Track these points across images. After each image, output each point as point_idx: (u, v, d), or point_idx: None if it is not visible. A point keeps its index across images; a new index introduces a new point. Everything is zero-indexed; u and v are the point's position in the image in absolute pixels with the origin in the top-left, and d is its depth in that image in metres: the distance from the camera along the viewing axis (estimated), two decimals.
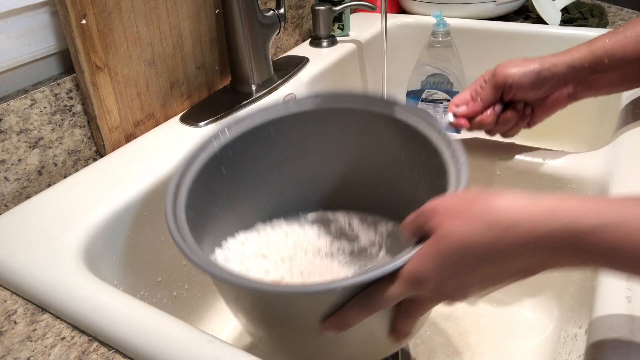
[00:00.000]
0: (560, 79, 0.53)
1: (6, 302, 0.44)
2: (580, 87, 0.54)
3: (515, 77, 0.53)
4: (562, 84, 0.54)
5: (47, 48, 0.57)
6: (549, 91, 0.54)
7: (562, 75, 0.53)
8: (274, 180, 0.56)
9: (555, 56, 0.54)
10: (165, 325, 0.39)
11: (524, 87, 0.53)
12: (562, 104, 0.55)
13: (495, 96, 0.54)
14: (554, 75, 0.53)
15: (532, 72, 0.53)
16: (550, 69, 0.53)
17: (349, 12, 0.94)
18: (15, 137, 0.53)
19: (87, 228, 0.49)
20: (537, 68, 0.53)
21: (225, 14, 0.69)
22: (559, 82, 0.53)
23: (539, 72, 0.53)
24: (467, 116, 0.56)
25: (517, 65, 0.53)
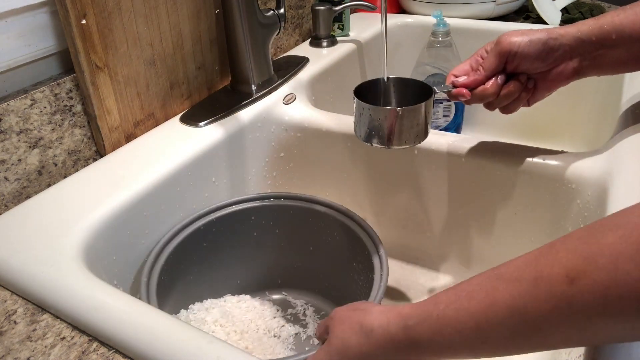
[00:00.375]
0: (566, 50, 0.51)
1: (6, 302, 0.44)
2: (585, 62, 0.52)
3: (520, 45, 0.51)
4: (568, 57, 0.52)
5: (47, 48, 0.57)
6: (554, 63, 0.52)
7: (568, 47, 0.51)
8: (247, 260, 0.65)
9: (562, 28, 0.52)
10: (165, 325, 0.39)
11: (530, 57, 0.51)
12: (565, 79, 0.53)
13: (499, 65, 0.52)
14: (561, 46, 0.51)
15: (539, 41, 0.51)
16: (557, 39, 0.51)
17: (349, 12, 0.94)
18: (15, 137, 0.53)
19: (87, 228, 0.49)
20: (544, 37, 0.51)
21: (225, 14, 0.69)
22: (564, 54, 0.52)
23: (546, 42, 0.51)
24: (467, 86, 0.53)
25: (523, 33, 0.51)
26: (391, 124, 0.51)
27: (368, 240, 0.56)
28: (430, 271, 0.73)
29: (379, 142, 0.53)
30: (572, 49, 0.51)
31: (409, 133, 0.52)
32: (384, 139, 0.52)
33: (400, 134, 0.52)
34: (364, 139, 0.54)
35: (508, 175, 0.60)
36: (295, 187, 0.76)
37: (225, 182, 0.66)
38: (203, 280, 0.62)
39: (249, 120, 0.69)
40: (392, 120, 0.51)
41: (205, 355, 0.36)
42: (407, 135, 0.52)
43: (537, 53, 0.51)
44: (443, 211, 0.68)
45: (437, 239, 0.71)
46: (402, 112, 0.51)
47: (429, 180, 0.66)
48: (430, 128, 0.55)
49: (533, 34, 0.51)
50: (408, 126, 0.52)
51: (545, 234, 0.62)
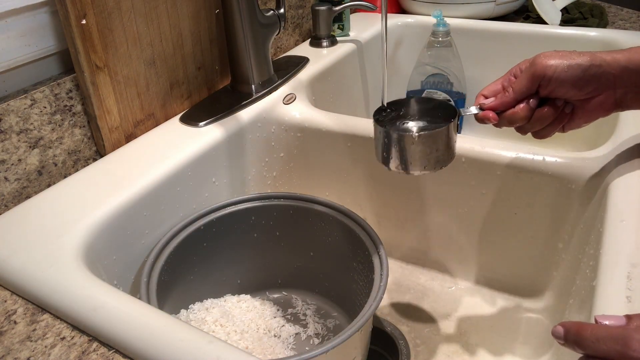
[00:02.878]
0: (610, 80, 0.46)
1: (6, 302, 0.44)
2: (631, 94, 0.47)
3: (557, 70, 0.46)
4: (612, 87, 0.46)
5: (47, 48, 0.57)
6: (594, 92, 0.47)
7: (612, 77, 0.46)
8: (248, 260, 0.66)
9: (609, 53, 0.46)
10: (165, 325, 0.39)
11: (566, 83, 0.46)
12: (605, 110, 0.48)
13: (531, 88, 0.47)
14: (604, 74, 0.45)
15: (579, 67, 0.45)
16: (601, 66, 0.45)
17: (349, 12, 0.94)
18: (15, 137, 0.53)
19: (87, 228, 0.49)
20: (586, 63, 0.45)
21: (225, 14, 0.69)
22: (607, 84, 0.46)
23: (587, 68, 0.45)
24: (496, 109, 0.49)
25: (562, 56, 0.46)
26: (408, 150, 0.48)
27: (368, 240, 0.56)
28: (430, 271, 0.73)
29: (396, 166, 0.50)
30: (618, 79, 0.46)
31: (428, 159, 0.48)
32: (401, 164, 0.49)
33: (418, 159, 0.48)
34: (382, 161, 0.51)
35: (508, 175, 0.60)
36: (295, 187, 0.76)
37: (225, 182, 0.66)
38: (203, 280, 0.62)
39: (249, 120, 0.69)
40: (408, 145, 0.48)
41: (205, 355, 0.36)
42: (426, 161, 0.48)
43: (574, 80, 0.46)
44: (443, 211, 0.68)
45: (437, 239, 0.71)
46: (418, 138, 0.47)
47: (429, 180, 0.66)
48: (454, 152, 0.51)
49: (573, 57, 0.46)
50: (426, 152, 0.48)
51: (545, 234, 0.62)
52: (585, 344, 0.30)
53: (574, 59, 0.46)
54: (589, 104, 0.48)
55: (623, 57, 0.46)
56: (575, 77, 0.46)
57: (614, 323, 0.30)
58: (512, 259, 0.66)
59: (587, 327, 0.30)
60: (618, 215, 0.46)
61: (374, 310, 0.47)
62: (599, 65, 0.45)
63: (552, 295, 0.63)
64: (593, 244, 0.49)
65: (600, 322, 0.30)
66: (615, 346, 0.28)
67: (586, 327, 0.30)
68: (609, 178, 0.52)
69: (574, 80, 0.46)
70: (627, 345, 0.27)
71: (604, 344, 0.29)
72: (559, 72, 0.46)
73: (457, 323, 0.65)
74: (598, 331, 0.29)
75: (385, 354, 0.65)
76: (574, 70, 0.45)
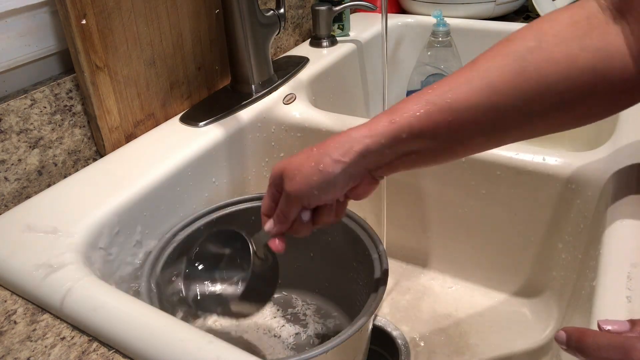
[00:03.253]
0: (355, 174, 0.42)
1: (6, 302, 0.44)
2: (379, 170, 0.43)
3: (304, 196, 0.42)
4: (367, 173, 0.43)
5: (47, 48, 0.57)
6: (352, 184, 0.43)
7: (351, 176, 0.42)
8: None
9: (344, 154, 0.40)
10: (165, 325, 0.39)
11: (320, 200, 0.43)
12: (368, 191, 0.44)
13: (298, 208, 0.44)
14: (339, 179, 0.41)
15: (317, 184, 0.41)
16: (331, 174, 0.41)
17: (349, 12, 0.94)
18: (15, 137, 0.53)
19: (87, 228, 0.49)
20: (316, 182, 0.41)
21: (225, 14, 0.69)
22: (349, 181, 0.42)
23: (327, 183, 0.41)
24: (279, 234, 0.47)
25: (301, 177, 0.41)
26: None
27: (368, 240, 0.56)
28: (430, 271, 0.73)
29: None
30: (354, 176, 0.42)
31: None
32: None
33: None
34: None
35: (508, 175, 0.60)
36: None
37: (225, 182, 0.66)
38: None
39: (249, 120, 0.69)
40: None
41: (205, 355, 0.36)
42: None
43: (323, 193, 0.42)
44: (443, 211, 0.68)
45: (437, 239, 0.71)
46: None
47: (429, 180, 0.66)
48: None
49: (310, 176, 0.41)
50: None
51: (545, 234, 0.62)
52: (587, 351, 0.30)
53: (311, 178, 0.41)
54: (351, 193, 0.44)
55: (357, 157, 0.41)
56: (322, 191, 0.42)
57: (617, 329, 0.30)
58: (512, 259, 0.66)
59: (589, 334, 0.30)
60: (618, 216, 0.46)
61: (374, 310, 0.47)
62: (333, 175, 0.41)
63: (552, 296, 0.63)
64: (593, 244, 0.49)
65: (603, 327, 0.30)
66: (616, 355, 0.28)
67: (588, 333, 0.30)
68: (609, 178, 0.52)
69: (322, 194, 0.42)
70: (628, 354, 0.27)
71: (605, 352, 0.28)
72: (307, 196, 0.42)
73: (457, 323, 0.65)
74: (600, 339, 0.29)
75: (385, 354, 0.65)
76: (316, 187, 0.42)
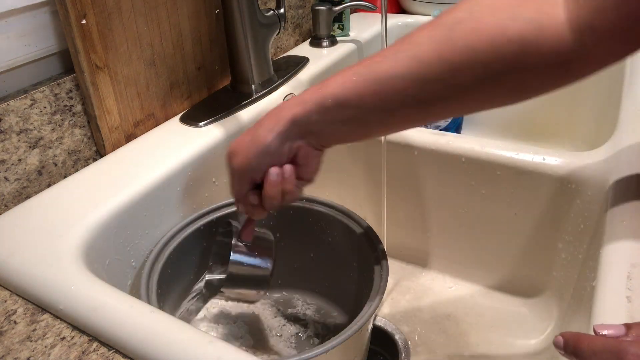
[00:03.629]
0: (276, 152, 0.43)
1: (6, 302, 0.44)
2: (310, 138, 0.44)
3: (243, 167, 0.44)
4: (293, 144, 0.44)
5: (47, 48, 0.57)
6: (287, 155, 0.44)
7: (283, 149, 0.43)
8: None
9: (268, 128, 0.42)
10: (165, 325, 0.39)
11: (258, 172, 0.44)
12: (315, 157, 0.45)
13: (246, 188, 0.45)
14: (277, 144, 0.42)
15: (254, 155, 0.43)
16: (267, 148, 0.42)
17: (349, 12, 0.94)
18: (15, 137, 0.53)
19: (87, 228, 0.49)
20: (255, 152, 0.43)
21: (225, 14, 0.69)
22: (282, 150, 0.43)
23: (260, 155, 0.43)
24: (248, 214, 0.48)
25: (241, 153, 0.43)
26: None
27: (368, 240, 0.56)
28: (430, 271, 0.73)
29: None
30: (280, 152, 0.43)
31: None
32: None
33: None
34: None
35: (508, 175, 0.60)
36: None
37: (225, 182, 0.66)
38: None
39: (249, 120, 0.69)
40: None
41: (205, 355, 0.36)
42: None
43: (259, 166, 0.43)
44: (443, 211, 0.68)
45: (437, 239, 0.71)
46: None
47: (429, 180, 0.66)
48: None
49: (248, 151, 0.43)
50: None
51: (545, 234, 0.62)
52: (582, 356, 0.30)
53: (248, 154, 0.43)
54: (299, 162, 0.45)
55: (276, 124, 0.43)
56: (259, 164, 0.43)
57: (612, 333, 0.30)
58: (512, 259, 0.66)
59: (585, 339, 0.30)
60: (618, 215, 0.46)
61: (374, 310, 0.47)
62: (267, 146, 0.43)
63: (552, 296, 0.63)
64: (593, 244, 0.49)
65: (599, 332, 0.31)
66: (610, 358, 0.28)
67: (584, 338, 0.30)
68: (609, 178, 0.52)
69: (259, 167, 0.43)
70: (621, 358, 0.28)
71: (600, 357, 0.29)
72: (245, 171, 0.44)
73: (457, 323, 0.65)
74: (594, 344, 0.30)
75: (385, 354, 0.65)
76: (254, 162, 0.43)
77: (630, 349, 0.28)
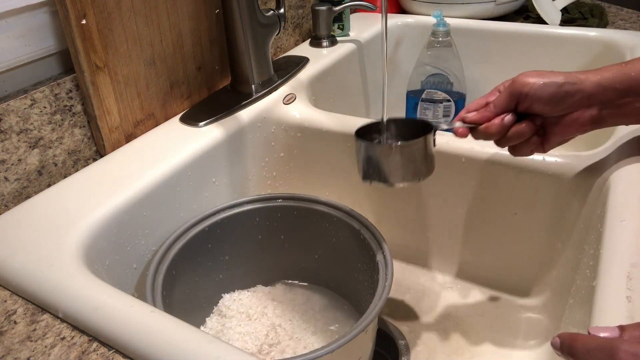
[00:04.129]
0: (584, 96, 0.48)
1: (6, 302, 0.44)
2: (607, 110, 0.49)
3: (533, 87, 0.48)
4: (586, 104, 0.49)
5: (47, 48, 0.57)
6: (569, 109, 0.49)
7: (587, 93, 0.48)
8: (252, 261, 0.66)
9: (584, 72, 0.49)
10: (165, 325, 0.39)
11: (542, 100, 0.48)
12: (582, 127, 0.50)
13: (509, 104, 0.50)
14: (578, 91, 0.48)
15: (554, 84, 0.48)
16: (575, 84, 0.48)
17: (349, 12, 0.94)
18: (15, 137, 0.53)
19: (87, 228, 0.49)
20: (560, 80, 0.48)
21: (225, 14, 0.69)
22: (582, 100, 0.48)
23: (561, 85, 0.48)
24: (475, 122, 0.51)
25: (539, 75, 0.49)
26: (386, 161, 0.50)
27: (372, 240, 0.56)
28: (430, 271, 0.73)
29: (377, 179, 0.51)
30: (592, 96, 0.48)
31: (407, 170, 0.51)
32: (380, 175, 0.51)
33: (396, 170, 0.50)
34: (363, 176, 0.53)
35: (508, 175, 0.60)
36: (295, 187, 0.76)
37: (226, 182, 0.66)
38: (208, 282, 0.62)
39: (249, 120, 0.69)
40: (386, 156, 0.50)
41: (205, 355, 0.36)
42: (405, 172, 0.51)
43: (549, 96, 0.48)
44: (443, 211, 0.68)
45: (437, 239, 0.71)
46: (396, 148, 0.50)
47: (429, 180, 0.66)
48: (433, 165, 0.53)
49: (549, 76, 0.48)
50: (404, 163, 0.50)
51: (545, 234, 0.62)
52: (577, 355, 0.31)
53: (550, 77, 0.48)
54: (564, 120, 0.50)
55: (596, 75, 0.48)
56: (550, 94, 0.48)
57: (607, 335, 0.31)
58: (512, 259, 0.66)
59: (579, 339, 0.31)
60: (618, 215, 0.46)
61: (380, 310, 0.47)
62: (573, 83, 0.48)
63: (552, 295, 0.63)
64: (593, 244, 0.49)
65: (594, 334, 0.31)
66: (603, 357, 0.29)
67: (578, 338, 0.31)
68: (608, 178, 0.52)
69: (548, 97, 0.48)
70: (614, 356, 0.28)
71: (594, 356, 0.30)
72: (535, 89, 0.48)
73: (457, 323, 0.65)
74: (588, 342, 0.30)
75: (385, 354, 0.65)
76: (549, 87, 0.48)
77: (622, 347, 0.28)
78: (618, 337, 0.31)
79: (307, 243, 0.65)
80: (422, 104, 0.92)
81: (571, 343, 0.31)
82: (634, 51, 0.78)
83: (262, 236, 0.64)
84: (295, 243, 0.65)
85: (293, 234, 0.64)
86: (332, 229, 0.61)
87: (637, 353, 0.28)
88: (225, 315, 0.61)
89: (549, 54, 0.89)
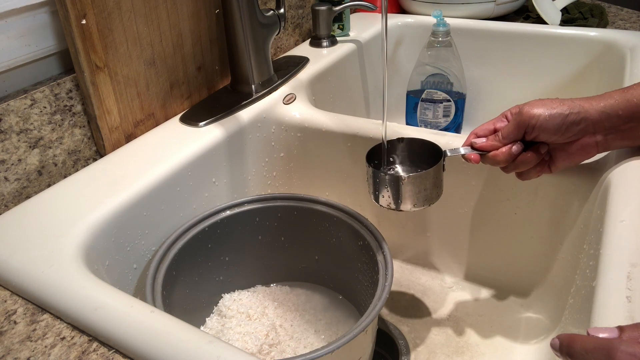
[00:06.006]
0: (589, 124, 0.50)
1: (6, 302, 0.44)
2: (611, 135, 0.50)
3: (540, 119, 0.50)
4: (591, 131, 0.50)
5: (47, 48, 0.57)
6: (574, 137, 0.51)
7: (591, 121, 0.49)
8: (252, 261, 0.66)
9: (587, 100, 0.50)
10: (165, 325, 0.39)
11: (549, 130, 0.50)
12: (589, 152, 0.52)
13: (517, 134, 0.52)
14: (583, 119, 0.49)
15: (560, 116, 0.49)
16: (579, 113, 0.49)
17: (349, 12, 0.94)
18: (15, 137, 0.53)
19: (87, 228, 0.49)
20: (566, 111, 0.49)
21: (225, 14, 0.69)
22: (587, 128, 0.50)
23: (567, 115, 0.49)
24: (484, 150, 0.53)
25: (545, 105, 0.50)
26: (397, 190, 0.52)
27: (372, 240, 0.56)
28: (430, 271, 0.73)
29: (388, 204, 0.53)
30: (596, 123, 0.50)
31: (417, 198, 0.52)
32: (392, 202, 0.53)
33: (408, 198, 0.52)
34: (375, 199, 0.55)
35: (508, 175, 0.60)
36: (295, 187, 0.76)
37: (226, 182, 0.66)
38: (208, 281, 0.62)
39: (249, 120, 0.69)
40: (397, 186, 0.52)
41: (205, 355, 0.36)
42: (416, 200, 0.52)
43: (555, 127, 0.50)
44: (443, 211, 0.68)
45: (437, 239, 0.71)
46: (406, 180, 0.51)
47: None
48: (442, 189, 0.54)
49: (555, 106, 0.50)
50: (415, 191, 0.52)
51: (545, 233, 0.62)
52: (576, 355, 0.31)
53: (555, 108, 0.50)
54: (570, 147, 0.52)
55: (599, 102, 0.50)
56: (556, 125, 0.50)
57: (606, 335, 0.31)
58: (512, 259, 0.66)
59: (578, 339, 0.31)
60: (618, 215, 0.46)
61: (379, 310, 0.47)
62: (577, 112, 0.49)
63: (552, 295, 0.63)
64: (593, 244, 0.49)
65: (593, 335, 0.32)
66: (601, 358, 0.29)
67: (577, 339, 0.31)
68: (608, 178, 0.52)
69: (555, 128, 0.50)
70: (611, 356, 0.29)
71: (592, 356, 0.30)
72: (542, 120, 0.50)
73: (457, 323, 0.65)
74: (587, 343, 0.31)
75: (385, 354, 0.65)
76: (555, 119, 0.50)
77: (620, 347, 0.28)
78: (616, 338, 0.31)
79: (307, 243, 0.65)
80: (422, 103, 0.92)
81: (570, 344, 0.32)
82: (634, 51, 0.78)
83: (262, 236, 0.64)
84: (296, 243, 0.65)
85: (293, 234, 0.64)
86: (332, 229, 0.61)
87: (635, 353, 0.28)
88: (226, 315, 0.61)
89: (549, 54, 0.89)
